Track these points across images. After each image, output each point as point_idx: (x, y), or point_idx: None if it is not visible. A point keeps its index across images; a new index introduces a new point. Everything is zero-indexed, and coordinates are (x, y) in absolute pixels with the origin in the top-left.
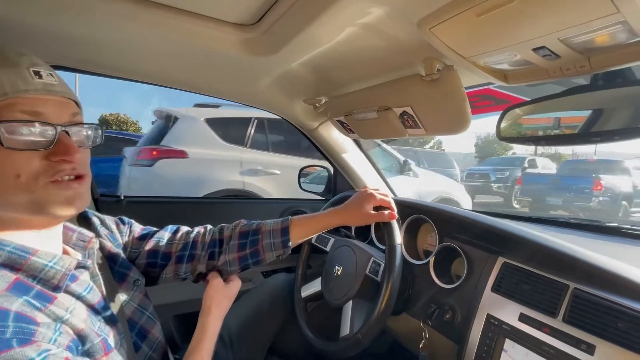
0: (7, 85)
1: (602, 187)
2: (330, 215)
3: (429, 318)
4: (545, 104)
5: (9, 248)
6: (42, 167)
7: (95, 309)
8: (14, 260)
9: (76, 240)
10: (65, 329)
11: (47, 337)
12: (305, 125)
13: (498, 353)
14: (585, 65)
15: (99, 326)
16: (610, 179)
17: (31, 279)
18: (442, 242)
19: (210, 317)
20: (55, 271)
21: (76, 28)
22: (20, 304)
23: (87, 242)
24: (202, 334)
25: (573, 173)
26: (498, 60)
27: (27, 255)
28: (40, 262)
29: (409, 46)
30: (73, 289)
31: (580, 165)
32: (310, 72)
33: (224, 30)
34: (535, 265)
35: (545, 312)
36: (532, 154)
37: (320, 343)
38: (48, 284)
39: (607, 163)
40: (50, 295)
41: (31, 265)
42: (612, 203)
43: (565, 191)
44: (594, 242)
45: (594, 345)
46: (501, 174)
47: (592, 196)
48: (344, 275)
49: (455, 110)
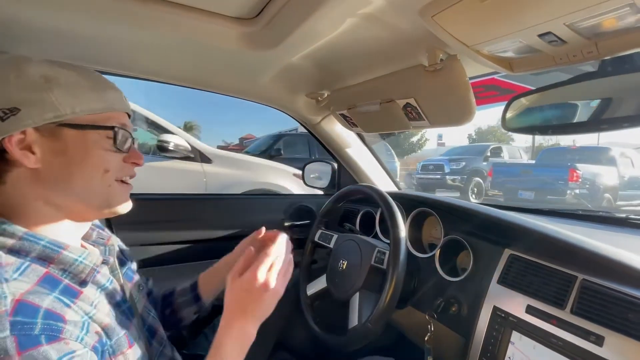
0: (115, 103)
1: (578, 178)
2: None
3: (435, 311)
4: (552, 93)
5: (43, 242)
6: (121, 166)
7: (116, 301)
8: (47, 255)
9: (96, 238)
10: (92, 326)
11: (75, 335)
12: (307, 119)
13: (505, 345)
14: (593, 51)
15: (121, 319)
16: (592, 168)
17: (60, 273)
18: (448, 235)
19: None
20: (84, 266)
21: (74, 26)
22: (51, 300)
23: (107, 239)
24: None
25: (549, 162)
26: (503, 47)
27: (59, 249)
28: (71, 257)
29: (411, 36)
30: (97, 281)
31: (559, 154)
32: (311, 66)
33: (223, 25)
34: (543, 256)
35: (553, 304)
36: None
37: (329, 337)
38: (76, 278)
39: (590, 151)
40: (76, 290)
41: (62, 260)
42: (591, 196)
43: (537, 183)
44: (601, 233)
45: (602, 336)
46: (456, 164)
47: (568, 188)
48: (349, 268)
49: (460, 100)
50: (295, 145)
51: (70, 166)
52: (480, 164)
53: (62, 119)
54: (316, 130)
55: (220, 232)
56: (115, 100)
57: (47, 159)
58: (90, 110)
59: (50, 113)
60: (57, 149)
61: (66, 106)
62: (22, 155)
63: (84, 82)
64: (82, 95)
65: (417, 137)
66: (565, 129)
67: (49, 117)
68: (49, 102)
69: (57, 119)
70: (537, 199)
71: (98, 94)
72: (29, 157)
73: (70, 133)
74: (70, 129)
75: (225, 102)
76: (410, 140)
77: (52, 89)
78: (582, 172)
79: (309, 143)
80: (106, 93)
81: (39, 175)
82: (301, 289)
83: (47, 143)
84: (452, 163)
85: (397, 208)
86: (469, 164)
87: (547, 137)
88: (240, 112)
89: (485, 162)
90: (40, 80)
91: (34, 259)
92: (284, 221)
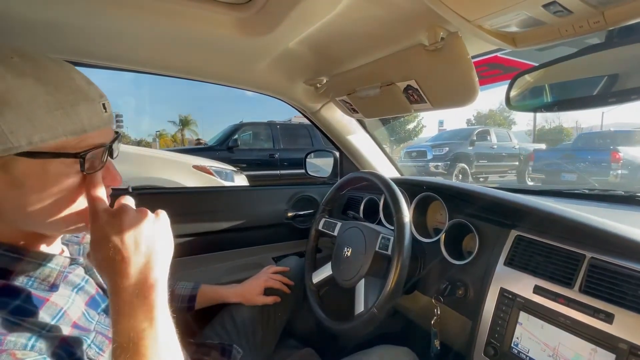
0: (86, 122)
1: (620, 158)
2: (230, 292)
3: (441, 295)
4: (557, 68)
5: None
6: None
7: (94, 300)
8: (7, 263)
9: (70, 237)
10: (55, 332)
11: (21, 344)
12: (307, 107)
13: (512, 326)
14: (600, 21)
15: (98, 319)
16: (629, 150)
17: (25, 281)
18: (452, 219)
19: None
20: (50, 269)
21: (65, 17)
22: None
23: (81, 237)
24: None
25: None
26: (505, 21)
27: (19, 256)
28: (33, 263)
29: (410, 13)
30: (71, 281)
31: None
32: (308, 51)
33: (216, 11)
34: (550, 236)
35: (561, 283)
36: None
37: (336, 324)
38: (44, 283)
39: (625, 134)
40: (42, 298)
41: (25, 267)
42: (632, 175)
43: (579, 165)
44: (608, 211)
45: (612, 314)
46: (439, 150)
47: (610, 169)
48: (353, 255)
49: (462, 80)
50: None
51: (28, 199)
52: (466, 149)
53: (14, 152)
54: (316, 117)
55: (224, 224)
56: (88, 119)
57: (1, 192)
58: (53, 137)
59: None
60: (10, 181)
61: (20, 136)
62: None
63: (48, 98)
64: (41, 118)
65: (414, 124)
66: (572, 104)
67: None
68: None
69: (7, 152)
70: (580, 180)
71: (64, 113)
72: None
73: (25, 163)
74: (26, 159)
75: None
76: (407, 127)
77: (3, 114)
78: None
79: (272, 133)
80: (78, 109)
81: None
82: (306, 277)
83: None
84: (435, 149)
85: (400, 193)
86: (453, 149)
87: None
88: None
89: (471, 146)
90: None
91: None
92: (287, 212)
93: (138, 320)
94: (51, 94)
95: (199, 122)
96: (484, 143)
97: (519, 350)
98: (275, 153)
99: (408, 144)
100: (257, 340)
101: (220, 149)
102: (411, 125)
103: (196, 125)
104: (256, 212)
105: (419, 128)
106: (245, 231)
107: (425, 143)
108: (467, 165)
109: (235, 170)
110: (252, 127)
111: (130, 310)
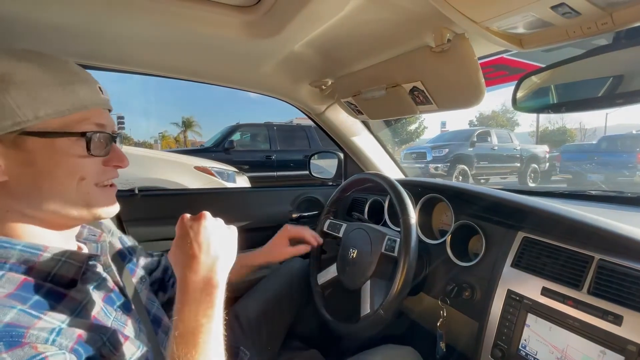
0: (87, 99)
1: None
2: (256, 255)
3: (448, 296)
4: (564, 69)
5: (19, 246)
6: (100, 171)
7: (110, 297)
8: (26, 259)
9: (87, 235)
10: (73, 328)
11: (42, 338)
12: (312, 109)
13: (520, 328)
14: (608, 22)
15: (115, 315)
16: None
17: (43, 277)
18: (458, 220)
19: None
20: (69, 265)
21: (71, 20)
22: (14, 314)
23: (98, 236)
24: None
25: (612, 147)
26: (513, 22)
27: (38, 252)
28: (53, 259)
29: (417, 15)
30: (89, 279)
31: (619, 140)
32: (314, 53)
33: (223, 14)
34: (558, 238)
35: (569, 285)
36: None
37: (342, 326)
38: (63, 279)
39: None
40: (61, 293)
41: (44, 262)
42: None
43: (606, 166)
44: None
45: (621, 315)
46: (439, 152)
47: (637, 170)
48: (359, 257)
49: (468, 81)
50: (255, 136)
51: (40, 177)
52: (466, 150)
53: (23, 127)
54: (321, 119)
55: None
56: (88, 96)
57: (14, 171)
58: (57, 112)
59: (8, 120)
60: (23, 160)
61: (27, 110)
62: None
63: (47, 76)
64: (45, 95)
65: (415, 125)
66: (579, 105)
67: (8, 125)
68: (7, 106)
69: (17, 126)
70: (607, 181)
71: (64, 90)
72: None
73: (36, 142)
74: (36, 137)
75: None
76: (408, 128)
77: (8, 90)
78: None
79: (269, 134)
80: (76, 88)
81: (7, 187)
82: (312, 278)
83: (12, 154)
84: (434, 150)
85: (406, 194)
86: (453, 150)
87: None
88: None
89: (472, 147)
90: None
91: (13, 265)
92: (291, 213)
93: (199, 315)
94: (50, 73)
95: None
96: (485, 144)
97: (526, 353)
98: (272, 154)
99: (409, 145)
100: (263, 341)
101: (216, 150)
102: (413, 127)
103: (199, 127)
104: (260, 213)
105: (420, 129)
106: (249, 232)
107: (426, 144)
108: (468, 166)
109: (237, 171)
110: (249, 128)
111: (194, 303)
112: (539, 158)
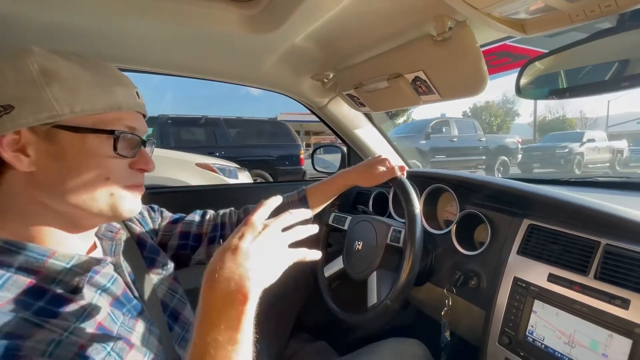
0: (122, 101)
1: None
2: (343, 176)
3: (454, 285)
4: (568, 54)
5: (25, 251)
6: (125, 173)
7: (119, 301)
8: (31, 264)
9: (104, 231)
10: (75, 337)
11: (39, 351)
12: (314, 102)
13: (527, 315)
14: (611, 5)
15: (123, 320)
16: None
17: (49, 282)
18: (463, 210)
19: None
20: (74, 272)
21: (73, 19)
22: (15, 323)
23: (115, 232)
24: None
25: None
26: (515, 8)
27: (44, 257)
28: (58, 264)
29: (417, 4)
30: (96, 283)
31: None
32: (315, 46)
33: (222, 9)
34: (563, 224)
35: (576, 271)
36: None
37: (349, 316)
38: (68, 285)
39: None
40: (66, 299)
41: (50, 268)
42: None
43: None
44: (625, 199)
45: (628, 299)
46: None
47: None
48: (365, 248)
49: (471, 70)
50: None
51: (67, 171)
52: (418, 143)
53: (58, 120)
54: (323, 112)
55: None
56: (123, 98)
57: (43, 163)
58: (92, 109)
59: (45, 112)
60: (53, 153)
61: (64, 105)
62: (14, 157)
63: (88, 76)
64: (83, 92)
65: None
66: (584, 89)
67: (44, 117)
68: (45, 99)
69: (52, 119)
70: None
71: (103, 90)
72: (21, 160)
73: (67, 136)
74: (67, 132)
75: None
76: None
77: (50, 85)
78: None
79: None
80: (113, 89)
81: (34, 178)
82: (319, 271)
83: (43, 145)
84: None
85: (410, 185)
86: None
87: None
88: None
89: (426, 140)
90: (37, 74)
91: (19, 269)
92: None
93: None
94: (92, 73)
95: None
96: (441, 135)
97: (534, 339)
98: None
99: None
100: (271, 333)
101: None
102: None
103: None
104: None
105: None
106: None
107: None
108: (421, 160)
109: (239, 167)
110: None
111: (222, 307)
112: (509, 150)
